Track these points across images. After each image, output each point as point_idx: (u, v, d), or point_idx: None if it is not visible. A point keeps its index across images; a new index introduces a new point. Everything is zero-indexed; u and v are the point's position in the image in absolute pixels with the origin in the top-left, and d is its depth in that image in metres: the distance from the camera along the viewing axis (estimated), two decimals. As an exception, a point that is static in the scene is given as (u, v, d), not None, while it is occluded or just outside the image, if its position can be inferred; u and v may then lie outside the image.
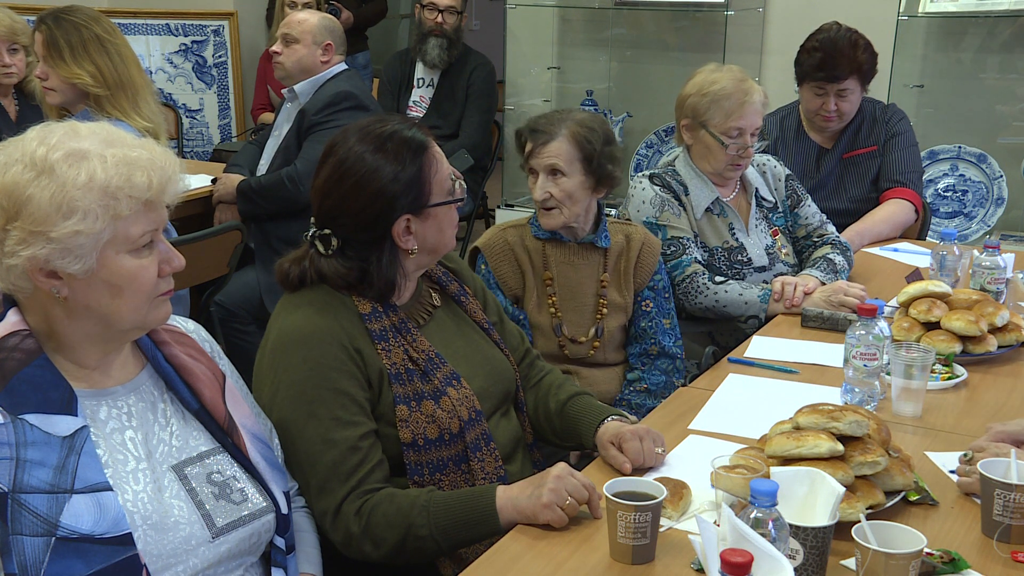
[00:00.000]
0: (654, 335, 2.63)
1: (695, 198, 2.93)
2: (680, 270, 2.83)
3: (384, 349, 1.89)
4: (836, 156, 3.59)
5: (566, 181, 2.49)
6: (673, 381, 2.63)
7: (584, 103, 5.29)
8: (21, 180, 1.43)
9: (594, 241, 2.59)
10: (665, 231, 2.86)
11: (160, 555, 1.47)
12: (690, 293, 2.83)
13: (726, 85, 2.87)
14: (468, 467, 1.93)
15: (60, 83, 3.11)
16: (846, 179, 3.59)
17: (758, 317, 2.81)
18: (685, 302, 2.84)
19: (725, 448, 1.86)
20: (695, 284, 2.83)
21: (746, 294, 2.81)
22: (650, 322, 2.64)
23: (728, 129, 2.87)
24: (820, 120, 3.55)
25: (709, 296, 2.82)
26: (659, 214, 2.87)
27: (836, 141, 3.61)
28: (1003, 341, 2.47)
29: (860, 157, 3.58)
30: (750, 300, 2.81)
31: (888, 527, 1.50)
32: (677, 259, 2.84)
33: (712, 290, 2.82)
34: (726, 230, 2.96)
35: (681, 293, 2.84)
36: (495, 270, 2.55)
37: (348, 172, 1.88)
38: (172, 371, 1.63)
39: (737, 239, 2.95)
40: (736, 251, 2.94)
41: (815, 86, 3.49)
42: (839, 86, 3.45)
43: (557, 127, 2.50)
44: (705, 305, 2.83)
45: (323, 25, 3.93)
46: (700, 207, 2.92)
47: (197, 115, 6.01)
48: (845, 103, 3.49)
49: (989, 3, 4.49)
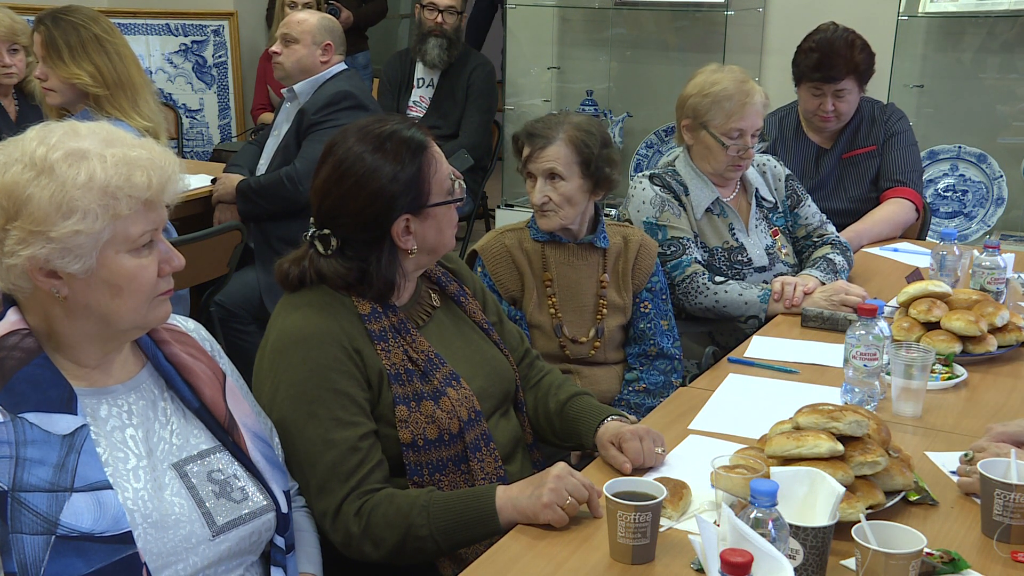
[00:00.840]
0: (653, 336, 2.63)
1: (695, 198, 2.93)
2: (680, 270, 2.83)
3: (384, 349, 1.89)
4: (835, 156, 3.59)
5: (564, 185, 2.50)
6: (671, 381, 2.63)
7: (584, 103, 5.29)
8: (21, 180, 1.43)
9: (593, 241, 2.60)
10: (665, 231, 2.86)
11: (160, 553, 1.47)
12: (690, 293, 2.83)
13: (727, 86, 2.87)
14: (468, 467, 1.93)
15: (59, 83, 3.10)
16: (845, 179, 3.59)
17: (758, 317, 2.81)
18: (685, 302, 2.84)
19: (725, 448, 1.86)
20: (695, 284, 2.83)
21: (746, 294, 2.81)
22: (648, 323, 2.64)
23: (729, 130, 2.87)
24: (818, 120, 3.55)
25: (709, 296, 2.82)
26: (659, 214, 2.87)
27: (835, 141, 3.61)
28: (1003, 341, 2.47)
29: (859, 157, 3.58)
30: (750, 300, 2.81)
31: (888, 527, 1.50)
32: (677, 259, 2.84)
33: (712, 290, 2.82)
34: (726, 230, 2.96)
35: (681, 293, 2.84)
36: (492, 273, 2.55)
37: (348, 172, 1.88)
38: (172, 370, 1.63)
39: (737, 239, 2.95)
40: (736, 251, 2.94)
41: (812, 87, 3.49)
42: (836, 86, 3.45)
43: (555, 131, 2.50)
44: (705, 305, 2.83)
45: (323, 25, 3.93)
46: (700, 207, 2.92)
47: (197, 115, 6.01)
48: (842, 103, 3.49)
49: (989, 3, 4.49)
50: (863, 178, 3.58)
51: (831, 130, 3.59)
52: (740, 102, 2.86)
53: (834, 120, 3.53)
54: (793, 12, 4.81)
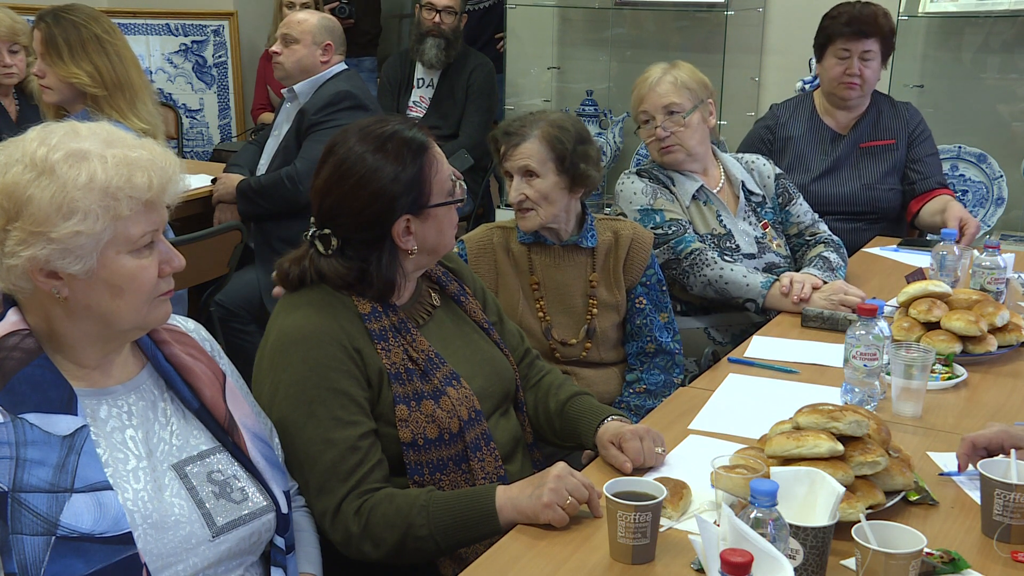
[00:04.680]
0: (650, 332, 2.62)
1: (680, 188, 2.97)
2: (686, 244, 2.85)
3: (384, 349, 1.90)
4: (851, 143, 3.59)
5: (540, 182, 2.49)
6: (672, 379, 2.63)
7: (584, 103, 5.29)
8: (21, 180, 1.43)
9: (578, 242, 2.58)
10: (663, 214, 2.88)
11: (160, 554, 1.47)
12: (696, 265, 2.84)
13: (642, 77, 2.99)
14: (468, 467, 1.93)
15: (57, 82, 3.09)
16: (861, 166, 3.59)
17: (756, 302, 2.81)
18: (690, 275, 2.85)
19: (725, 448, 1.86)
20: (703, 257, 2.84)
21: (749, 277, 2.83)
22: (645, 319, 2.63)
23: (638, 115, 2.99)
24: (843, 89, 3.53)
25: (715, 270, 2.83)
26: (653, 201, 2.91)
27: (852, 128, 3.61)
28: (1003, 341, 2.47)
29: (877, 148, 3.59)
30: (752, 283, 2.82)
31: (888, 527, 1.50)
32: (680, 236, 2.86)
33: (719, 264, 2.83)
34: (713, 218, 2.98)
35: (688, 265, 2.84)
36: (471, 264, 2.55)
37: (349, 172, 1.88)
38: (172, 370, 1.63)
39: (725, 226, 2.97)
40: (724, 238, 2.96)
41: (841, 47, 3.48)
42: (864, 46, 3.46)
43: (529, 128, 2.49)
44: (709, 278, 2.83)
45: (323, 25, 3.93)
46: (687, 195, 2.96)
47: (197, 115, 6.01)
48: (868, 68, 3.49)
49: (989, 3, 4.49)
50: (879, 168, 3.58)
51: (855, 100, 3.57)
52: (640, 88, 2.97)
53: (858, 89, 3.52)
54: (793, 12, 4.81)
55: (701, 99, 2.95)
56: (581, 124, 2.56)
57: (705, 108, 2.97)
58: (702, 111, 2.96)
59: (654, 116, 2.94)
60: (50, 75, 3.08)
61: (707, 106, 2.98)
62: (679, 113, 2.92)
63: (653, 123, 2.94)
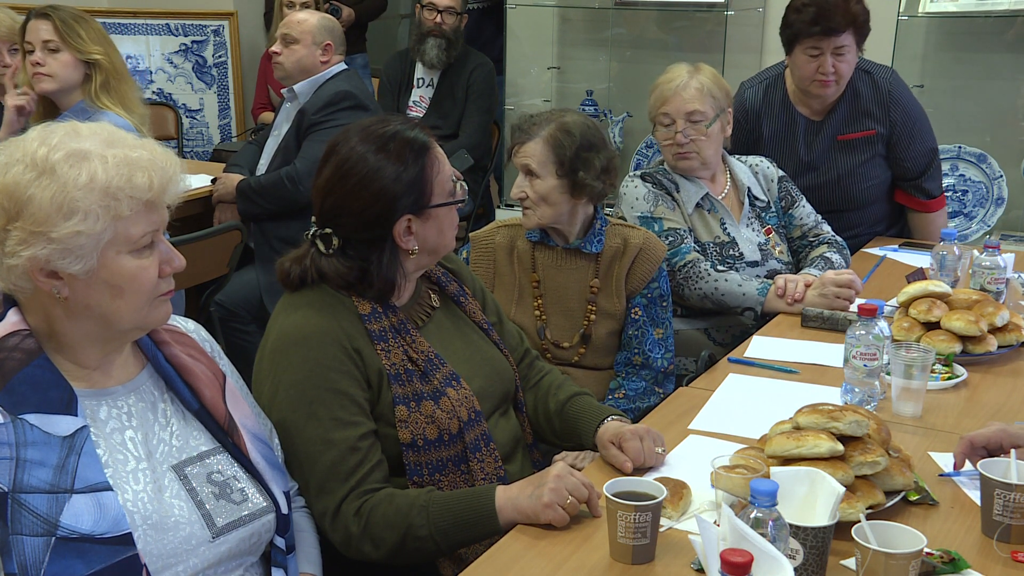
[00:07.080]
0: (639, 345, 2.56)
1: (685, 194, 2.95)
2: (680, 256, 2.84)
3: (383, 349, 1.90)
4: (828, 136, 3.38)
5: (539, 183, 2.48)
6: (654, 389, 2.57)
7: (584, 103, 5.28)
8: (22, 180, 1.43)
9: (581, 247, 2.55)
10: (661, 223, 2.87)
11: (160, 555, 1.47)
12: (691, 278, 2.83)
13: (663, 78, 2.96)
14: (468, 467, 1.93)
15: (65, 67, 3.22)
16: (840, 162, 3.39)
17: (754, 310, 2.81)
18: (685, 287, 2.84)
19: (725, 448, 1.86)
20: (697, 269, 2.83)
21: (745, 285, 2.82)
22: (637, 331, 2.57)
23: (657, 116, 2.94)
24: (817, 87, 3.25)
25: (709, 283, 2.82)
26: (653, 208, 2.89)
27: (826, 116, 3.37)
28: (1003, 341, 2.47)
29: (857, 141, 3.38)
30: (748, 292, 2.81)
31: (888, 527, 1.50)
32: (676, 248, 2.85)
33: (713, 277, 2.83)
34: (717, 226, 2.97)
35: (682, 278, 2.84)
36: (472, 263, 2.56)
37: (350, 172, 1.88)
38: (172, 371, 1.63)
39: (728, 234, 2.96)
40: (728, 246, 2.95)
41: (810, 47, 3.19)
42: (836, 42, 3.15)
43: (539, 128, 2.48)
44: (704, 291, 2.83)
45: (322, 25, 3.93)
46: (691, 202, 2.95)
47: (197, 115, 6.01)
48: (843, 63, 3.20)
49: (989, 3, 4.49)
50: (861, 163, 3.39)
51: (830, 97, 3.31)
52: (664, 89, 2.93)
53: (834, 84, 3.23)
54: (793, 12, 4.80)
55: (723, 108, 2.93)
56: (594, 131, 2.49)
57: (725, 117, 2.95)
58: (722, 120, 2.94)
59: (675, 120, 2.90)
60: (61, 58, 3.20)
61: (727, 115, 2.95)
62: (702, 122, 2.89)
63: (673, 127, 2.90)
